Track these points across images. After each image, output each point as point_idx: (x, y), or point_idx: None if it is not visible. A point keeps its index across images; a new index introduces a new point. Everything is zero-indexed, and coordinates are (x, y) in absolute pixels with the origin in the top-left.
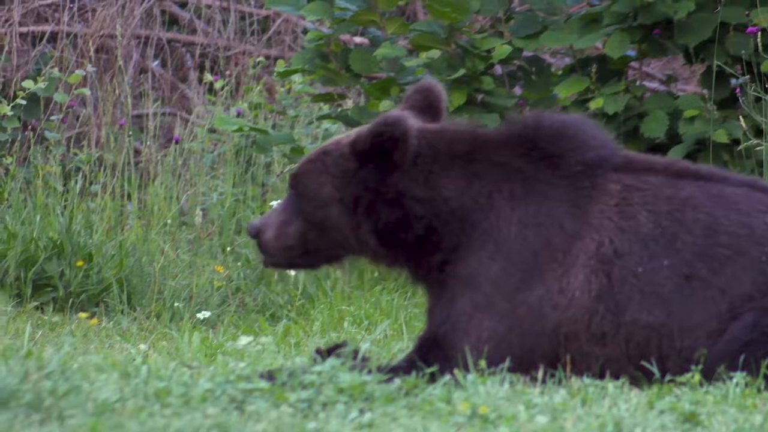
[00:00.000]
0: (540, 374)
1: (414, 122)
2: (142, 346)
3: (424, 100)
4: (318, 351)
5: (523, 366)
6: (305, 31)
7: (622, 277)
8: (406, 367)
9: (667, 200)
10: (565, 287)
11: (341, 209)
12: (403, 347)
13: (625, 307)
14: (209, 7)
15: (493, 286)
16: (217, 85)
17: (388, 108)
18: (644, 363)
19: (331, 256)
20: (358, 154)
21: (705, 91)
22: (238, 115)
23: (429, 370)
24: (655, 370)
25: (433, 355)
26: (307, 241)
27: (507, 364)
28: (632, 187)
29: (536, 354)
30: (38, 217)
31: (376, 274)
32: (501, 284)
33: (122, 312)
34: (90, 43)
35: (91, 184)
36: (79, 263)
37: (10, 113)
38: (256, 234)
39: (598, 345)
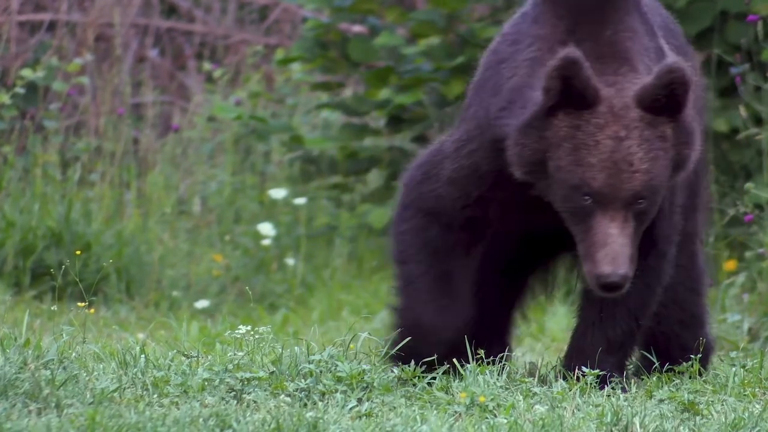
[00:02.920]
0: None
1: None
2: (141, 335)
3: None
4: None
5: None
6: (304, 20)
7: None
8: None
9: None
10: None
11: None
12: None
13: None
14: None
15: None
16: (216, 74)
17: (388, 97)
18: None
19: None
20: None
21: (704, 80)
22: (237, 103)
23: None
24: (654, 359)
25: None
26: None
27: None
28: None
29: None
30: (37, 206)
31: (374, 262)
32: None
33: (120, 301)
34: (89, 32)
35: (89, 173)
36: (78, 252)
37: (8, 102)
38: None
39: None
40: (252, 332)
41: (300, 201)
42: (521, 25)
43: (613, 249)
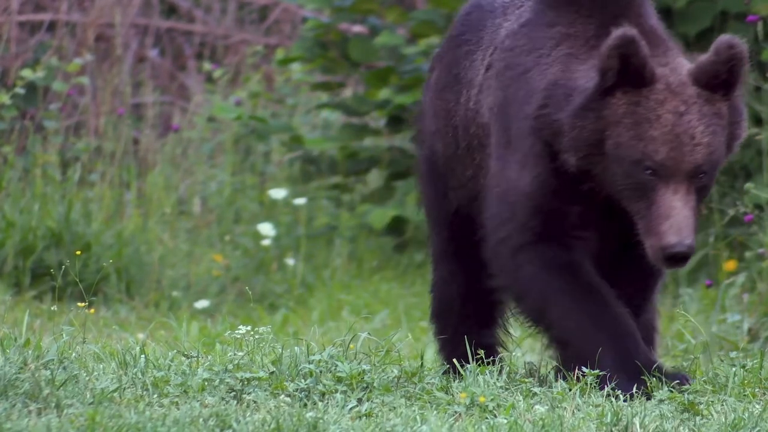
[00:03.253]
0: None
1: None
2: (141, 335)
3: None
4: None
5: None
6: (304, 20)
7: None
8: None
9: None
10: None
11: None
12: (402, 336)
13: None
14: None
15: None
16: (216, 74)
17: (388, 97)
18: None
19: None
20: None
21: None
22: (237, 103)
23: None
24: (655, 359)
25: None
26: None
27: None
28: None
29: None
30: (37, 207)
31: (374, 262)
32: None
33: (120, 301)
34: (89, 32)
35: (89, 173)
36: (78, 252)
37: (8, 102)
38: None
39: None
40: (252, 332)
41: (300, 201)
42: (531, 34)
43: (677, 220)
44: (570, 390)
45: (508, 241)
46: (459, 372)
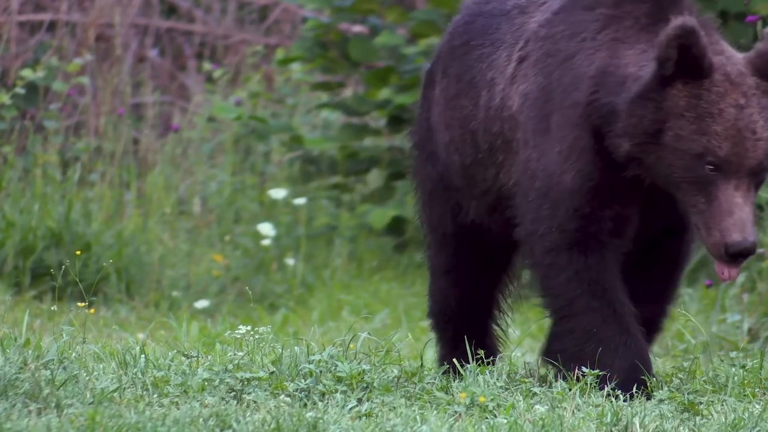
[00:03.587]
0: None
1: None
2: (141, 335)
3: None
4: None
5: None
6: (304, 20)
7: None
8: None
9: None
10: None
11: None
12: (402, 336)
13: None
14: None
15: None
16: (216, 74)
17: (388, 97)
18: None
19: None
20: None
21: None
22: (237, 103)
23: None
24: (653, 357)
25: None
26: None
27: None
28: None
29: None
30: (37, 207)
31: (374, 262)
32: None
33: (120, 301)
34: (89, 32)
35: (89, 173)
36: (78, 252)
37: (8, 102)
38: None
39: None
40: (252, 332)
41: (300, 201)
42: (569, 18)
43: (740, 217)
44: (570, 390)
45: (545, 239)
46: (458, 372)
